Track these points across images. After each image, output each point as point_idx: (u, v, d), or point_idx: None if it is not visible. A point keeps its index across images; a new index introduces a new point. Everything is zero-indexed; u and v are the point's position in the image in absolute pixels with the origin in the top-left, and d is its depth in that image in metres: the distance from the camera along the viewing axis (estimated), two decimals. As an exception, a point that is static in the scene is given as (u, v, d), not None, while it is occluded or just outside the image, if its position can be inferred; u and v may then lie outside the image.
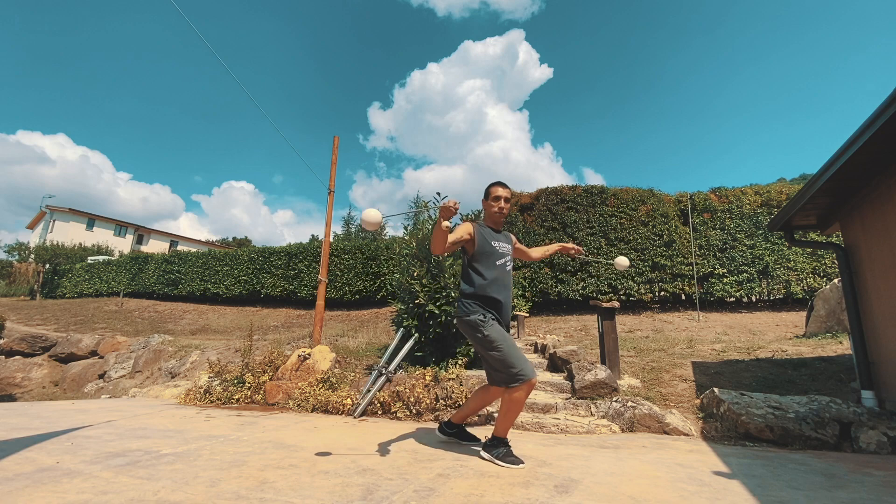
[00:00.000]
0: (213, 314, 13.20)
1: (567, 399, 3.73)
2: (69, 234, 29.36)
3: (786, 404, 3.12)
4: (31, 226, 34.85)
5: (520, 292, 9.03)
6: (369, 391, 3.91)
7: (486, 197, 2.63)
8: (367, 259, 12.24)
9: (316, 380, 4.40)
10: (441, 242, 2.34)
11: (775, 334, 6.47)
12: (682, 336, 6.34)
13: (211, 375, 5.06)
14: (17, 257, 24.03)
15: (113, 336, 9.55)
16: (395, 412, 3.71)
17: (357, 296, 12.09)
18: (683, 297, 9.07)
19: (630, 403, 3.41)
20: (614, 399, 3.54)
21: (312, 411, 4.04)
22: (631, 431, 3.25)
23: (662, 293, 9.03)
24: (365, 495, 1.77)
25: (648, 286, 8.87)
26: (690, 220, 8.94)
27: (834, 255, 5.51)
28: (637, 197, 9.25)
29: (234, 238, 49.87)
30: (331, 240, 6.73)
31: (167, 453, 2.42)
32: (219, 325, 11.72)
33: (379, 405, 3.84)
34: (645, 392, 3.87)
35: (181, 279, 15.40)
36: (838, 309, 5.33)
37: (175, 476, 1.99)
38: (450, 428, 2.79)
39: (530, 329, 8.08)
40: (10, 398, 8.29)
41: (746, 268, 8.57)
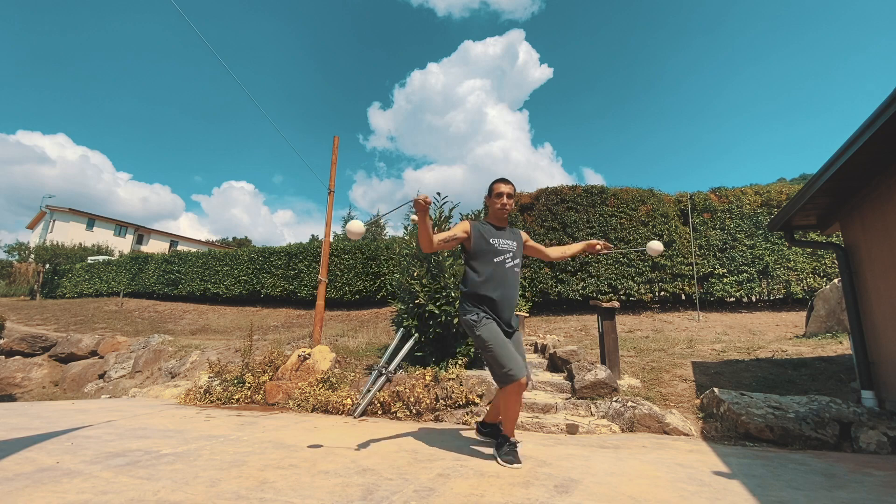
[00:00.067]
0: (213, 314, 13.20)
1: (567, 399, 3.74)
2: (69, 234, 29.37)
3: (786, 404, 3.12)
4: (31, 226, 34.87)
5: (520, 292, 8.98)
6: (369, 391, 3.92)
7: (490, 194, 2.63)
8: (367, 259, 12.24)
9: (316, 380, 4.40)
10: (424, 238, 2.35)
11: (775, 334, 6.47)
12: (682, 336, 6.34)
13: (211, 375, 5.06)
14: (17, 257, 24.04)
15: (113, 336, 9.55)
16: (396, 412, 3.71)
17: (357, 296, 12.09)
18: (683, 297, 9.07)
19: (630, 403, 3.41)
20: (614, 399, 3.54)
21: (312, 411, 4.04)
22: (631, 431, 3.25)
23: (662, 293, 9.03)
24: (365, 495, 1.77)
25: (648, 286, 8.87)
26: (690, 220, 8.94)
27: (834, 255, 5.51)
28: (637, 197, 9.25)
29: (234, 238, 49.88)
30: (331, 240, 6.73)
31: (167, 453, 2.42)
32: (219, 325, 11.72)
33: (379, 405, 3.84)
34: (645, 392, 3.87)
35: (181, 279, 15.40)
36: (838, 309, 5.33)
37: (175, 476, 1.99)
38: (484, 427, 2.82)
39: (530, 329, 8.08)
40: (10, 398, 8.29)
41: (746, 268, 8.57)
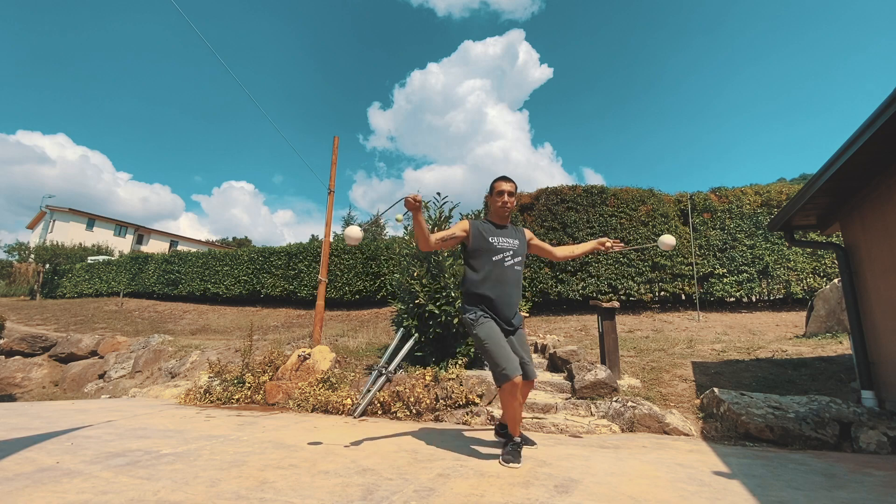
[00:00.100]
0: (213, 314, 13.20)
1: (567, 399, 3.74)
2: (69, 234, 29.37)
3: (786, 404, 3.12)
4: (31, 226, 34.86)
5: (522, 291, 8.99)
6: (369, 391, 3.91)
7: (491, 192, 2.63)
8: (367, 259, 12.24)
9: (316, 380, 4.40)
10: (420, 237, 2.38)
11: (775, 334, 6.47)
12: (682, 336, 6.34)
13: (211, 375, 5.06)
14: (17, 257, 24.04)
15: (113, 336, 9.55)
16: (396, 412, 3.71)
17: (357, 296, 12.09)
18: (683, 297, 9.07)
19: (630, 403, 3.41)
20: (614, 399, 3.54)
21: (312, 411, 4.04)
22: (631, 431, 3.25)
23: (662, 293, 9.02)
24: (365, 495, 1.77)
25: (648, 286, 8.87)
26: (690, 220, 8.94)
27: (834, 255, 5.51)
28: (637, 197, 9.24)
29: (234, 238, 49.88)
30: (331, 240, 6.73)
31: (167, 453, 2.42)
32: (219, 325, 11.72)
33: (379, 405, 3.84)
34: (645, 392, 3.87)
35: (181, 279, 15.39)
36: (838, 309, 5.33)
37: (175, 476, 1.99)
38: (502, 429, 2.72)
39: (530, 329, 8.07)
40: (10, 398, 8.29)
41: (746, 268, 8.57)
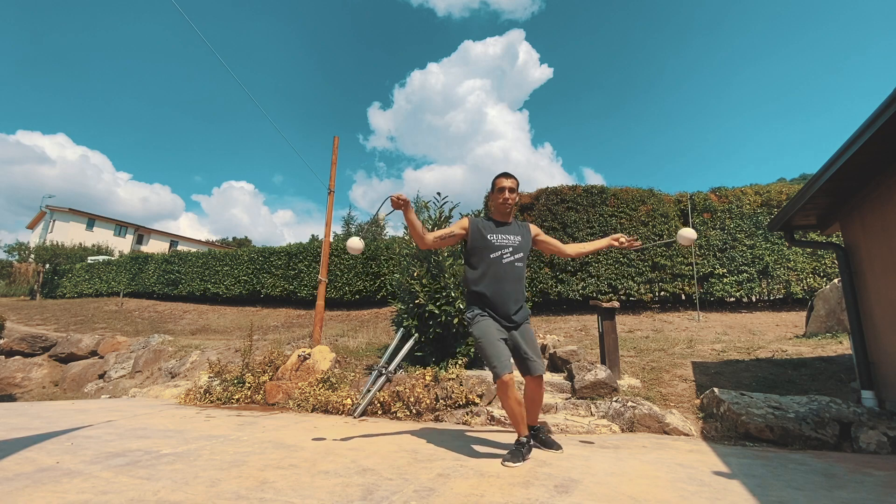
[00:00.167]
0: (213, 314, 13.20)
1: (567, 399, 3.74)
2: (69, 234, 29.38)
3: (786, 404, 3.12)
4: (31, 226, 34.87)
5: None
6: (369, 391, 3.91)
7: (492, 189, 2.62)
8: (367, 259, 12.24)
9: (316, 380, 4.40)
10: (415, 235, 2.42)
11: (775, 334, 6.47)
12: (682, 336, 6.34)
13: (211, 375, 5.06)
14: (17, 257, 24.05)
15: (113, 336, 9.54)
16: (395, 412, 3.71)
17: (357, 296, 12.09)
18: (683, 297, 9.07)
19: (630, 403, 3.41)
20: (614, 399, 3.54)
21: (312, 411, 4.04)
22: (631, 431, 3.25)
23: (662, 293, 9.02)
24: (365, 495, 1.77)
25: (648, 286, 8.87)
26: (690, 220, 8.94)
27: (834, 255, 5.50)
28: (637, 197, 9.24)
29: (234, 238, 49.89)
30: (331, 240, 6.73)
31: (167, 453, 2.42)
32: (219, 325, 11.72)
33: (379, 405, 3.84)
34: (645, 392, 3.87)
35: (181, 279, 15.39)
36: (838, 309, 5.33)
37: (175, 476, 1.99)
38: (532, 430, 2.59)
39: (530, 329, 8.07)
40: (10, 398, 8.29)
41: (746, 268, 8.57)
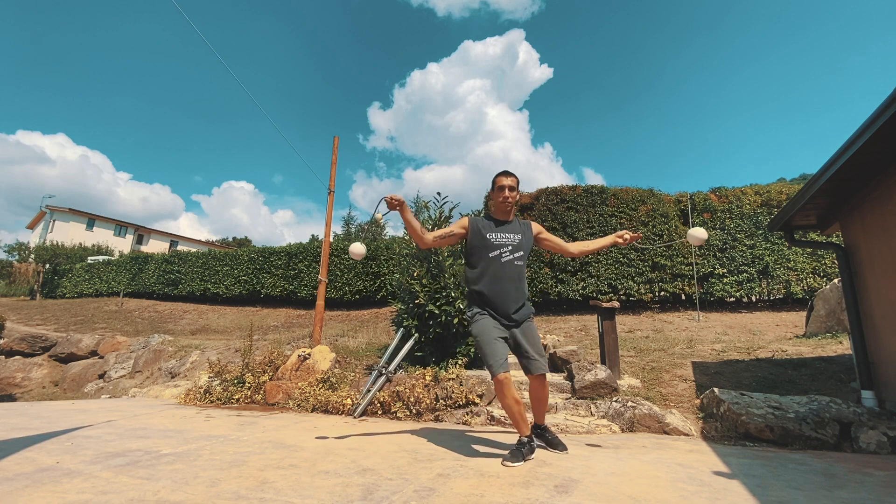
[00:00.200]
0: (213, 314, 13.20)
1: (567, 399, 3.74)
2: (69, 234, 29.37)
3: (786, 404, 3.12)
4: (31, 226, 34.86)
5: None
6: (369, 391, 3.91)
7: (492, 188, 2.62)
8: (367, 259, 12.23)
9: (316, 380, 4.40)
10: (413, 234, 2.45)
11: (775, 334, 6.47)
12: (682, 336, 6.34)
13: (211, 375, 5.06)
14: (17, 257, 24.04)
15: (113, 336, 9.55)
16: (395, 412, 3.71)
17: (357, 296, 12.09)
18: (683, 297, 9.07)
19: (630, 403, 3.41)
20: (614, 399, 3.54)
21: (312, 411, 4.04)
22: (631, 431, 3.25)
23: (662, 293, 9.02)
24: (365, 495, 1.77)
25: (648, 286, 8.87)
26: (690, 220, 8.94)
27: (834, 255, 5.51)
28: (637, 197, 9.24)
29: (234, 238, 49.91)
30: (331, 240, 6.73)
31: (167, 453, 2.42)
32: (219, 325, 11.72)
33: (379, 405, 3.84)
34: (645, 392, 3.87)
35: (181, 279, 15.39)
36: (838, 309, 5.33)
37: (175, 476, 1.99)
38: (536, 429, 2.62)
39: (530, 329, 8.07)
40: (10, 398, 8.29)
41: (746, 268, 8.57)
